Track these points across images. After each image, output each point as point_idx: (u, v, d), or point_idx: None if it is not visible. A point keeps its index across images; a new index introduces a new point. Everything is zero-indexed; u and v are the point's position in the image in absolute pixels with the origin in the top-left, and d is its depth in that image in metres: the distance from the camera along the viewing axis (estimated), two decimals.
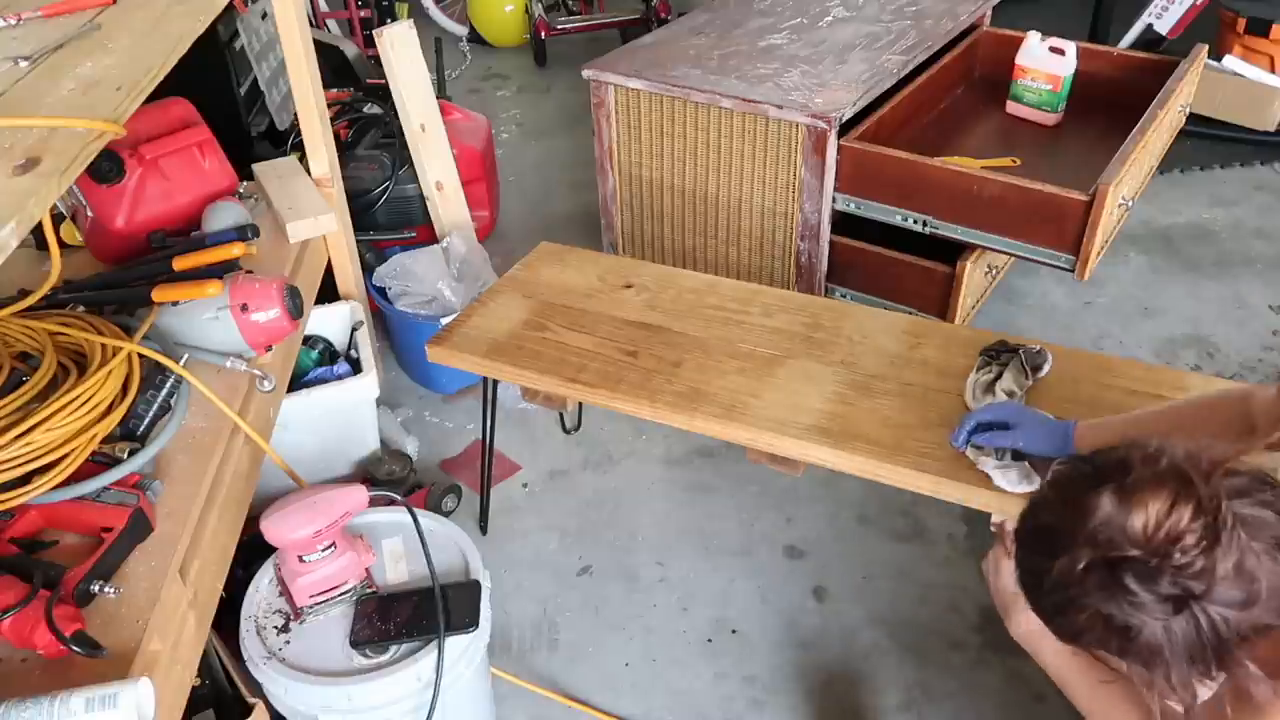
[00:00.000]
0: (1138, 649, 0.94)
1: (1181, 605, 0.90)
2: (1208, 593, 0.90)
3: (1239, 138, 3.53)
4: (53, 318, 1.59)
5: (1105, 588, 0.93)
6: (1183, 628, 0.91)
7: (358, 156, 2.80)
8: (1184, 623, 0.91)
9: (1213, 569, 0.89)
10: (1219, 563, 0.89)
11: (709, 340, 1.83)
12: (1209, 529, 0.90)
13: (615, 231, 2.79)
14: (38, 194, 1.09)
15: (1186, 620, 0.91)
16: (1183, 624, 0.91)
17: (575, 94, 4.17)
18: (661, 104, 2.47)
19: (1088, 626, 0.96)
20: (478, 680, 1.64)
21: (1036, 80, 2.70)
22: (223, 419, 1.62)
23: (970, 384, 1.66)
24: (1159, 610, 0.91)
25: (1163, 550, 0.90)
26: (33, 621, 1.20)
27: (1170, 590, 0.90)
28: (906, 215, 2.29)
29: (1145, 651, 0.93)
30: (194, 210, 1.96)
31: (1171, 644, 0.92)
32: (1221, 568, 0.89)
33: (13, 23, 1.49)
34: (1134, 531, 0.91)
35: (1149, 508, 0.91)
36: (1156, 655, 0.93)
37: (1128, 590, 0.91)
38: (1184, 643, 0.91)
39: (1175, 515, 0.91)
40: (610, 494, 2.31)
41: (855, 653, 1.94)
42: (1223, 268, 2.97)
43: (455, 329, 1.90)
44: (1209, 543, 0.90)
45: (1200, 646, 0.91)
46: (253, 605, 1.54)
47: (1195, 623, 0.90)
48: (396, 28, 2.67)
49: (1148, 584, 0.91)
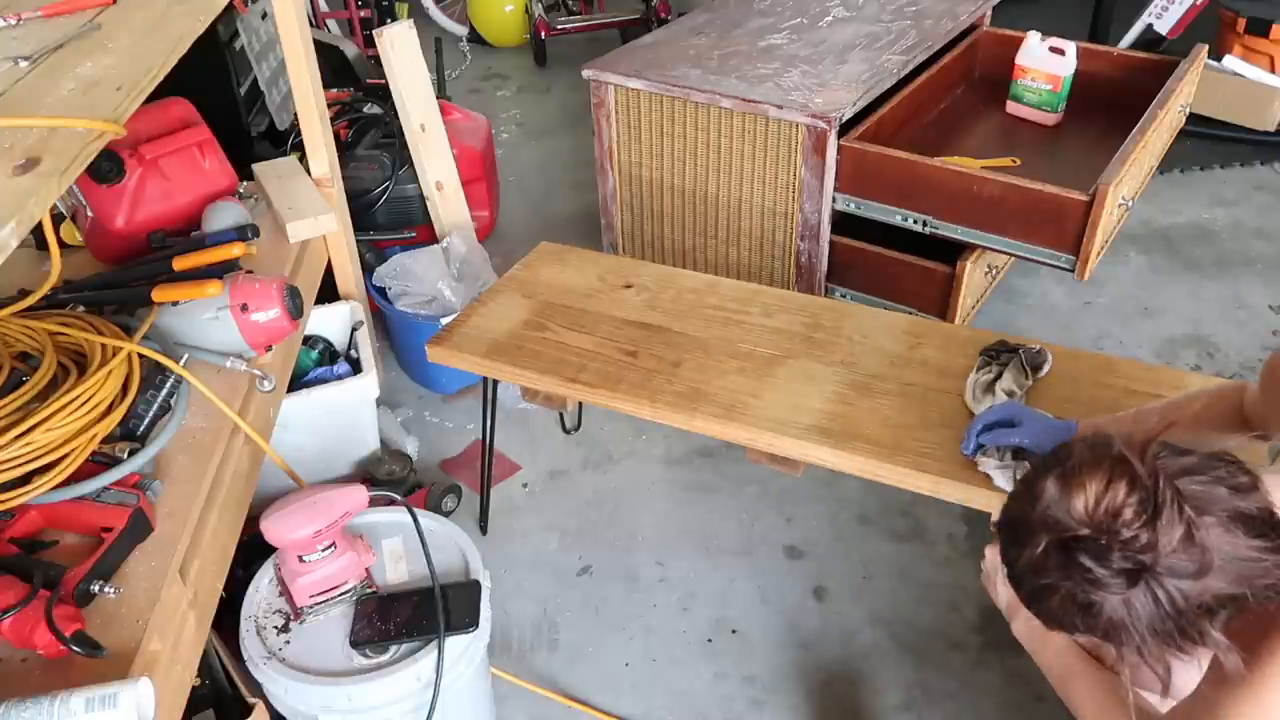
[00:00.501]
0: (1104, 626, 0.97)
1: (1135, 578, 0.94)
2: (1156, 563, 0.93)
3: (1239, 138, 3.53)
4: (53, 318, 1.59)
5: (1063, 568, 0.97)
6: (1142, 601, 0.95)
7: (358, 156, 2.80)
8: (1142, 596, 0.94)
9: (1157, 541, 0.93)
10: (1162, 535, 0.93)
11: (709, 340, 1.84)
12: (1146, 502, 0.94)
13: (615, 231, 2.79)
14: (38, 194, 1.09)
15: (1144, 593, 0.94)
16: (1141, 597, 0.94)
17: (575, 94, 4.17)
18: (661, 104, 2.47)
19: (1061, 610, 1.00)
20: (478, 680, 1.64)
21: (1036, 80, 2.70)
22: (223, 419, 1.62)
23: (970, 384, 1.66)
24: (1116, 585, 0.95)
25: (1107, 526, 0.95)
26: (33, 621, 1.20)
27: (1122, 564, 0.94)
28: (906, 215, 2.29)
29: (1111, 627, 0.97)
30: (194, 210, 1.96)
31: (1133, 618, 0.95)
32: (1165, 540, 0.93)
33: (13, 23, 1.49)
34: (1078, 511, 0.97)
35: (1088, 487, 0.97)
36: (1122, 630, 0.97)
37: (1083, 568, 0.96)
38: (1145, 616, 0.95)
39: (1112, 491, 0.96)
40: (610, 494, 2.31)
41: (855, 653, 1.94)
42: (1223, 268, 2.97)
43: (455, 329, 1.90)
44: (1149, 515, 0.94)
45: (1161, 618, 0.95)
46: (253, 605, 1.54)
47: (1153, 595, 0.94)
48: (396, 28, 2.67)
49: (1100, 560, 0.95)
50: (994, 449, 1.49)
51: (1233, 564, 0.94)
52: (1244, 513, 0.95)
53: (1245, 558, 0.94)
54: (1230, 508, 0.95)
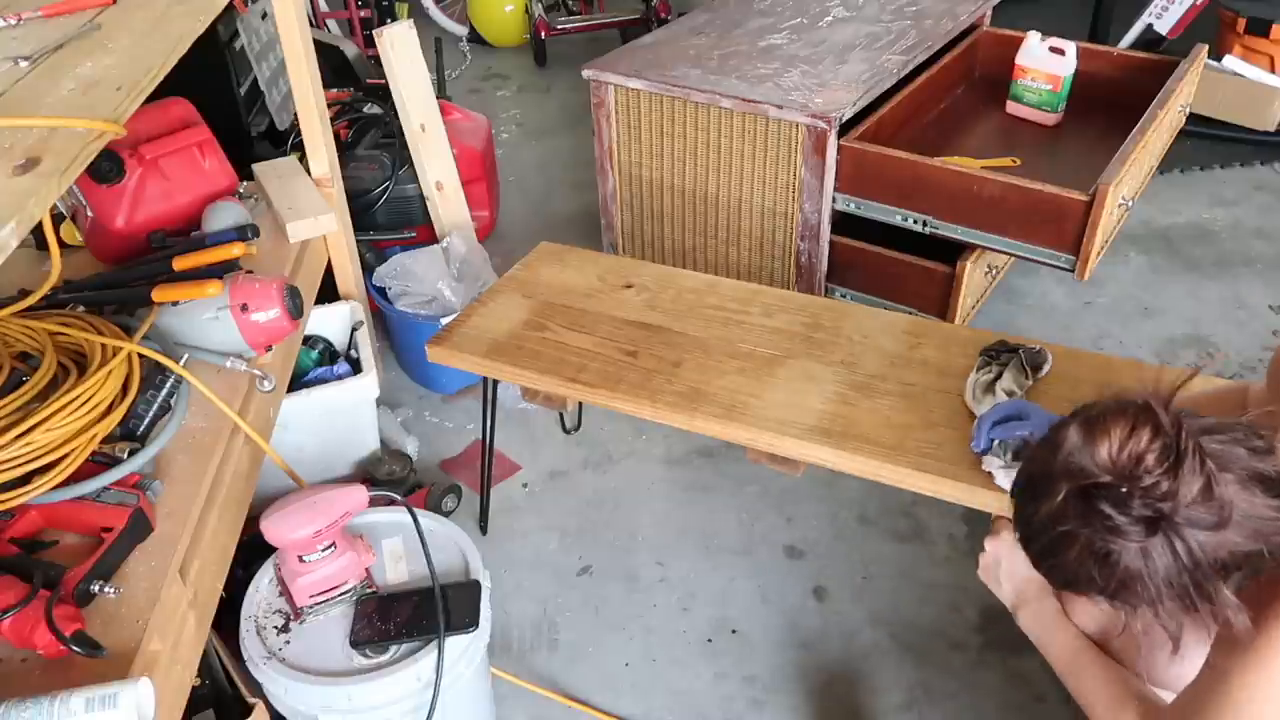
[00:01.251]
0: (1120, 577, 0.98)
1: (1155, 526, 0.95)
2: (1176, 512, 0.94)
3: (1239, 138, 3.53)
4: (53, 318, 1.59)
5: (1083, 516, 0.98)
6: (1159, 551, 0.95)
7: (358, 156, 2.80)
8: (1160, 546, 0.95)
9: (1177, 490, 0.94)
10: (1183, 484, 0.94)
11: (709, 340, 1.83)
12: (1169, 450, 0.95)
13: (615, 231, 2.79)
14: (38, 194, 1.09)
15: (1162, 543, 0.95)
16: (1159, 547, 0.95)
17: (575, 94, 4.17)
18: (661, 104, 2.47)
19: (1078, 562, 1.00)
20: (478, 680, 1.64)
21: (1036, 80, 2.70)
22: (223, 419, 1.62)
23: (970, 384, 1.66)
24: (1135, 533, 0.95)
25: (1129, 472, 0.96)
26: (33, 621, 1.20)
27: (1142, 511, 0.95)
28: (906, 215, 2.29)
29: (1127, 579, 0.98)
30: (194, 210, 1.96)
31: (1150, 569, 0.96)
32: (1186, 489, 0.94)
33: (13, 23, 1.49)
34: (1100, 458, 0.98)
35: (1111, 433, 0.98)
36: (1137, 582, 0.97)
37: (1103, 515, 0.96)
38: (1162, 567, 0.96)
39: (1135, 438, 0.97)
40: (610, 494, 2.31)
41: (855, 653, 1.94)
42: (1223, 268, 2.97)
43: (455, 329, 1.90)
44: (1171, 464, 0.95)
45: (1178, 570, 0.95)
46: (253, 605, 1.54)
47: (1170, 546, 0.95)
48: (396, 28, 2.67)
49: (1120, 507, 0.95)
50: (999, 449, 1.49)
51: (1250, 520, 0.95)
52: (1262, 473, 0.96)
53: (1263, 516, 0.95)
54: (1248, 467, 0.96)
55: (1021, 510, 1.07)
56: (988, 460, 1.50)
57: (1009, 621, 1.87)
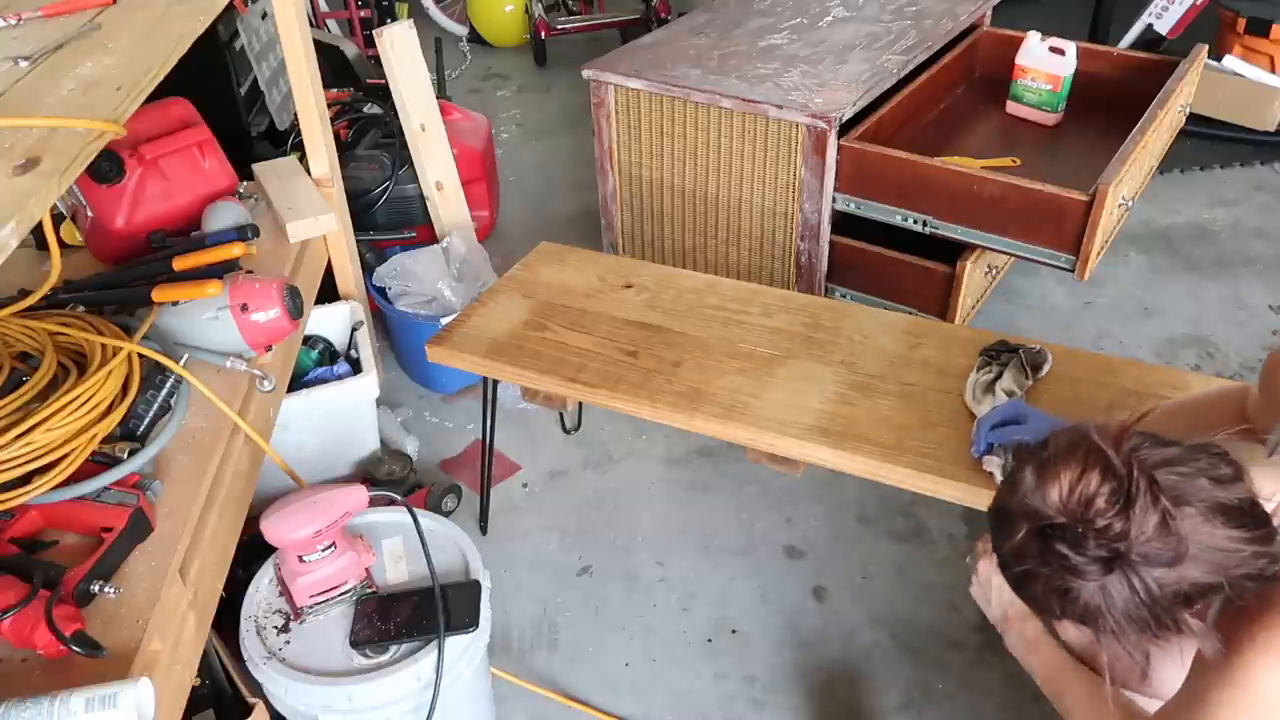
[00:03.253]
0: (1081, 611, 0.99)
1: (1110, 566, 0.95)
2: (1130, 550, 0.94)
3: (1239, 138, 3.53)
4: (53, 318, 1.59)
5: (1041, 555, 0.99)
6: (1118, 588, 0.96)
7: (358, 156, 2.80)
8: (1118, 583, 0.95)
9: (1129, 530, 0.94)
10: (1135, 523, 0.94)
11: (709, 340, 1.83)
12: (1119, 492, 0.95)
13: (615, 231, 2.79)
14: (38, 194, 1.09)
15: (1120, 580, 0.95)
16: (1117, 584, 0.96)
17: (575, 94, 4.17)
18: (661, 104, 2.47)
19: (1043, 596, 1.01)
20: (478, 680, 1.64)
21: (1036, 80, 2.70)
22: (223, 419, 1.62)
23: (970, 384, 1.66)
24: (1092, 572, 0.96)
25: (1081, 515, 0.96)
26: (33, 621, 1.20)
27: (1097, 552, 0.95)
28: (906, 215, 2.29)
29: (1088, 613, 0.98)
30: (194, 210, 1.96)
31: (1109, 604, 0.96)
32: (1139, 528, 0.94)
33: (13, 23, 1.49)
34: (1053, 500, 0.98)
35: (1061, 477, 0.98)
36: (1099, 616, 0.98)
37: (1059, 555, 0.97)
38: (1121, 603, 0.96)
39: (1085, 480, 0.97)
40: (610, 494, 2.31)
41: (855, 653, 1.94)
42: (1223, 268, 2.97)
43: (455, 329, 1.90)
44: (1123, 505, 0.95)
45: (1136, 605, 0.96)
46: (253, 605, 1.54)
47: (1128, 582, 0.95)
48: (396, 28, 2.67)
49: (1076, 548, 0.96)
50: (1000, 449, 1.49)
51: (1209, 553, 0.94)
52: (1224, 504, 0.95)
53: (1223, 548, 0.94)
54: (1210, 499, 0.95)
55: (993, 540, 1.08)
56: (988, 460, 1.50)
57: None
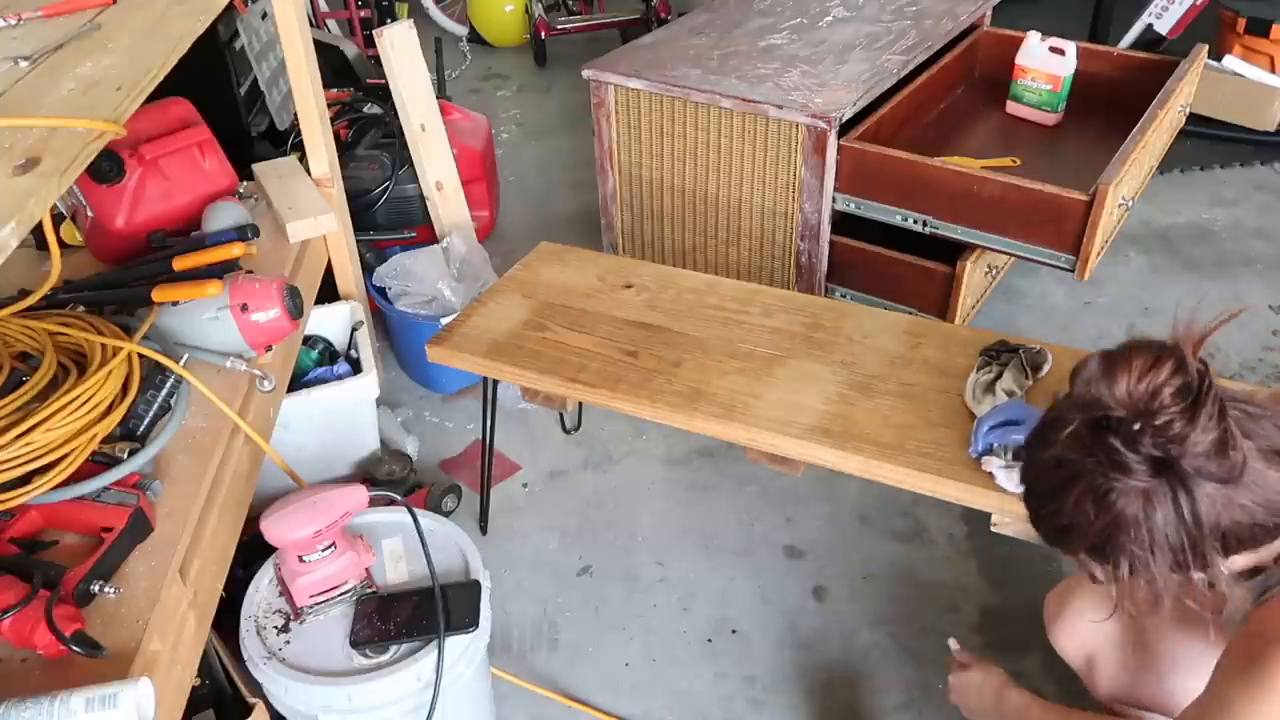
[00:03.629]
0: (1116, 521, 0.95)
1: (1161, 469, 0.92)
2: (1184, 458, 0.91)
3: (1239, 138, 3.53)
4: (53, 318, 1.59)
5: (1090, 449, 0.96)
6: (1161, 499, 0.93)
7: (358, 156, 2.80)
8: (1164, 492, 0.93)
9: (1190, 435, 0.91)
10: (1198, 429, 0.91)
11: (709, 340, 1.83)
12: (1188, 389, 0.92)
13: (615, 231, 2.79)
14: (38, 194, 1.09)
15: (1165, 490, 0.93)
16: (1162, 493, 0.93)
17: (575, 94, 4.17)
18: (661, 104, 2.47)
19: (1074, 507, 0.97)
20: (478, 680, 1.64)
21: (1036, 80, 2.70)
22: (223, 419, 1.62)
23: (970, 384, 1.66)
24: (1140, 472, 0.93)
25: (1144, 407, 0.93)
26: (33, 621, 1.20)
27: (1151, 450, 0.92)
28: (906, 215, 2.29)
29: (1122, 525, 0.95)
30: (194, 210, 1.96)
31: (1148, 517, 0.93)
32: (1200, 435, 0.91)
33: (13, 23, 1.49)
34: (1119, 389, 0.95)
35: (1132, 366, 0.95)
36: (1132, 528, 0.94)
37: (1110, 449, 0.94)
38: (1161, 518, 0.93)
39: (1155, 372, 0.94)
40: (610, 494, 2.31)
41: (855, 653, 1.94)
42: (1223, 268, 2.97)
43: (455, 329, 1.90)
44: (1189, 404, 0.92)
45: (1176, 525, 0.93)
46: (253, 605, 1.54)
47: (1173, 495, 0.92)
48: (396, 28, 2.67)
49: (1130, 444, 0.93)
50: (1000, 449, 1.49)
51: (1260, 491, 0.92)
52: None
53: (1276, 488, 0.93)
54: (1271, 441, 0.94)
55: (1030, 455, 1.05)
56: (988, 460, 1.50)
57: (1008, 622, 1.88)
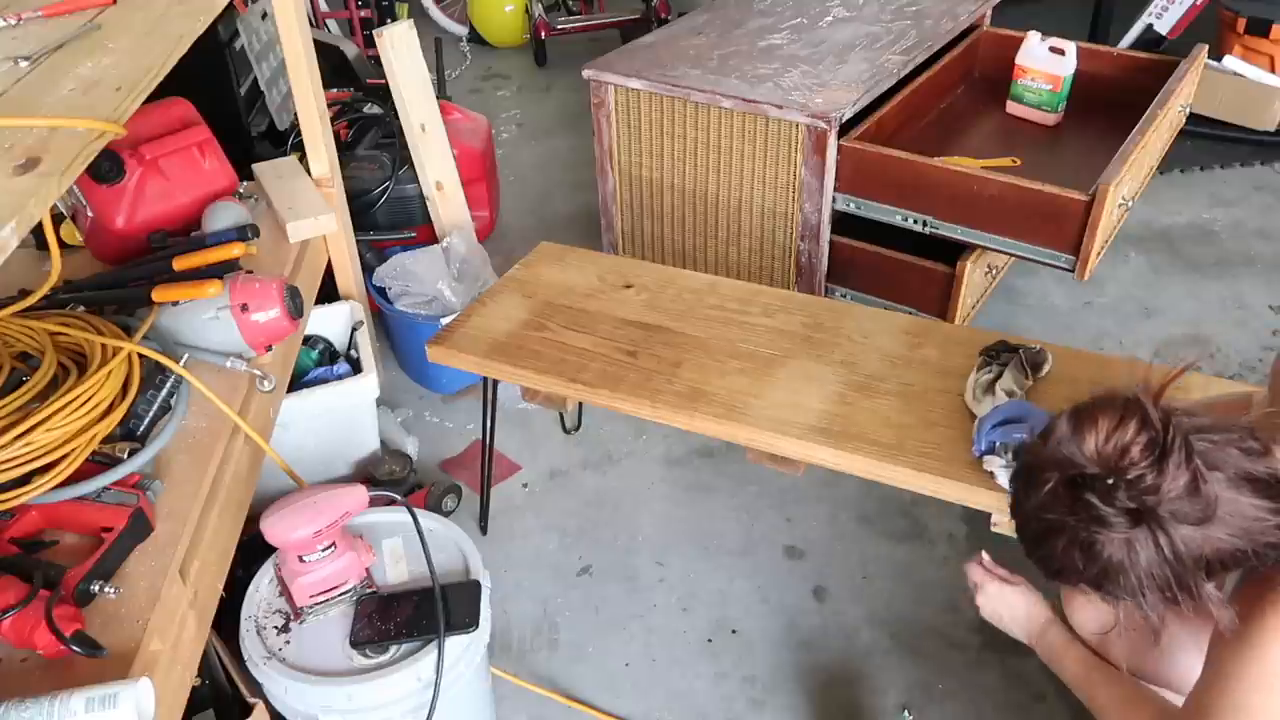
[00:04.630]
0: (1103, 567, 0.99)
1: (1138, 519, 0.96)
2: (1160, 505, 0.95)
3: (1239, 138, 3.53)
4: (53, 318, 1.59)
5: (1069, 506, 1.00)
6: (1142, 544, 0.96)
7: (358, 156, 2.80)
8: (1144, 538, 0.96)
9: (1161, 484, 0.95)
10: (1168, 478, 0.95)
11: (709, 340, 1.83)
12: (1154, 443, 0.96)
13: (615, 231, 2.79)
14: (38, 194, 1.09)
15: (1146, 536, 0.96)
16: (1142, 539, 0.96)
17: (575, 94, 4.17)
18: (661, 104, 2.47)
19: (1064, 553, 1.01)
20: (478, 680, 1.64)
21: (1036, 80, 2.70)
22: (223, 419, 1.62)
23: (970, 384, 1.66)
24: (1119, 525, 0.96)
25: (1115, 464, 0.97)
26: (33, 621, 1.20)
27: (1126, 503, 0.96)
28: (906, 215, 2.29)
29: (1110, 569, 0.99)
30: (194, 210, 1.96)
31: (1132, 561, 0.97)
32: (1171, 483, 0.95)
33: (13, 23, 1.49)
34: (1087, 449, 0.99)
35: (1099, 425, 0.99)
36: (1120, 573, 0.98)
37: (1088, 505, 0.98)
38: (1145, 560, 0.97)
39: (1122, 430, 0.98)
40: (610, 494, 2.31)
41: (855, 653, 1.94)
42: (1223, 268, 2.97)
43: (455, 329, 1.90)
44: (1157, 457, 0.96)
45: (1160, 563, 0.97)
46: (253, 605, 1.54)
47: (1154, 539, 0.96)
48: (396, 28, 2.67)
49: (1105, 498, 0.97)
50: (1001, 449, 1.49)
51: (1235, 519, 0.95)
52: (1252, 474, 0.96)
53: (1249, 516, 0.95)
54: (1239, 467, 0.96)
55: (1016, 500, 1.08)
56: (989, 460, 1.50)
57: None
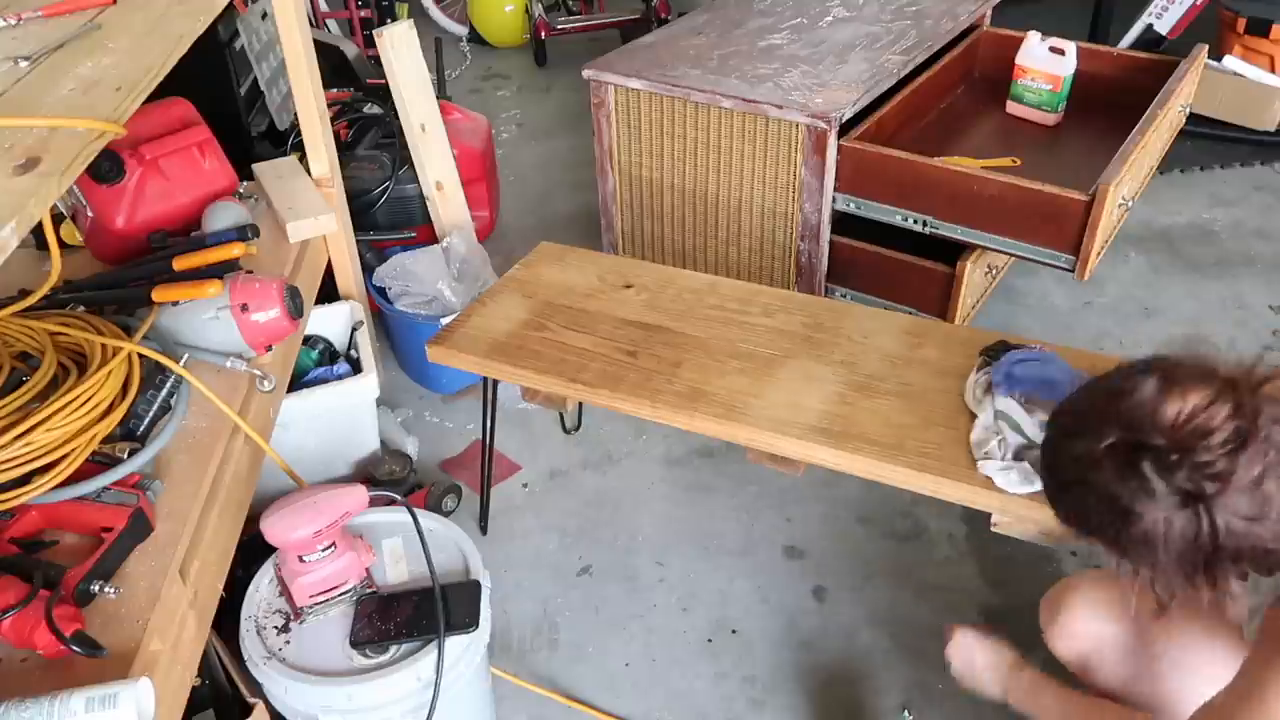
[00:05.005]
0: (1132, 536, 0.95)
1: (1189, 502, 0.91)
2: (1220, 495, 0.90)
3: (1239, 138, 3.53)
4: (53, 318, 1.59)
5: (1120, 471, 0.94)
6: (1182, 525, 0.92)
7: (358, 156, 2.80)
8: (1186, 520, 0.92)
9: (1231, 474, 0.90)
10: (1239, 469, 0.90)
11: (709, 340, 1.83)
12: (1240, 433, 0.91)
13: (615, 231, 2.79)
14: (38, 194, 1.09)
15: (1189, 518, 0.92)
16: (1184, 520, 0.92)
17: (575, 94, 4.17)
18: (661, 104, 2.47)
19: (1094, 510, 0.97)
20: (478, 680, 1.64)
21: (1036, 80, 2.70)
22: (223, 419, 1.62)
23: (970, 384, 1.66)
24: (1167, 502, 0.92)
25: (1187, 444, 0.91)
26: (33, 621, 1.20)
27: (1184, 485, 0.91)
28: (906, 215, 2.29)
29: (1138, 540, 0.94)
30: (194, 210, 1.96)
31: (1167, 539, 0.93)
32: (1241, 475, 0.90)
33: (13, 23, 1.49)
34: (1164, 418, 0.93)
35: (1187, 398, 0.93)
36: (1149, 547, 0.94)
37: (1142, 477, 0.92)
38: (1179, 540, 0.93)
39: (1211, 411, 0.92)
40: (610, 494, 2.31)
41: (855, 653, 1.94)
42: (1223, 268, 2.97)
43: (455, 329, 1.90)
44: (1236, 446, 0.91)
45: (1194, 548, 0.93)
46: (253, 605, 1.54)
47: (1197, 523, 0.92)
48: (396, 28, 2.67)
49: (1164, 474, 0.92)
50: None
51: None
52: None
53: None
54: None
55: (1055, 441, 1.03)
56: (985, 464, 1.50)
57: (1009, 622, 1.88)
